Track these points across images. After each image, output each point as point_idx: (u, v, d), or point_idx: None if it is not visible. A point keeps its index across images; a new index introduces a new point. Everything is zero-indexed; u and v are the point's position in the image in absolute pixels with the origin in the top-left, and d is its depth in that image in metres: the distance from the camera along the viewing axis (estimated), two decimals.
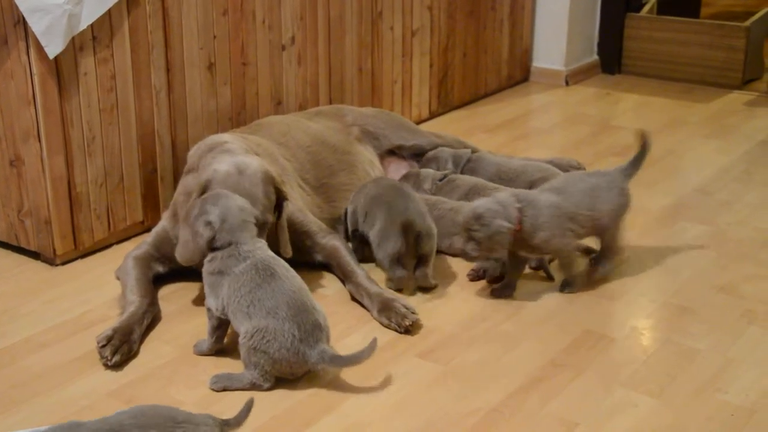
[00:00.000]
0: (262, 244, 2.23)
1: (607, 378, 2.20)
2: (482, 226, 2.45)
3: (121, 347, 2.25)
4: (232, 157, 2.44)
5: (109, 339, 2.25)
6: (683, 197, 3.32)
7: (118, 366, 2.23)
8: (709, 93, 4.60)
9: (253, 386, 2.13)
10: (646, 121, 4.18)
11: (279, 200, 2.47)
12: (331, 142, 3.05)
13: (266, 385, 2.13)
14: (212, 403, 2.09)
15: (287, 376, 2.14)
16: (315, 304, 2.17)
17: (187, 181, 2.53)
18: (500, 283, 2.62)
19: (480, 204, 2.51)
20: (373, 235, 2.63)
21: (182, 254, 2.41)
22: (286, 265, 2.22)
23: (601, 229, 2.61)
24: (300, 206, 2.72)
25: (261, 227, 2.33)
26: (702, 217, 3.13)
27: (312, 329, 2.11)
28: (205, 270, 2.21)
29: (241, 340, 2.13)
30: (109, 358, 2.22)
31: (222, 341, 2.29)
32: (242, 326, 2.13)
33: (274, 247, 2.37)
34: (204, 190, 2.37)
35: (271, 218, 2.42)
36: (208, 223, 2.18)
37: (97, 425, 1.69)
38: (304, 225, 2.68)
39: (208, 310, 2.23)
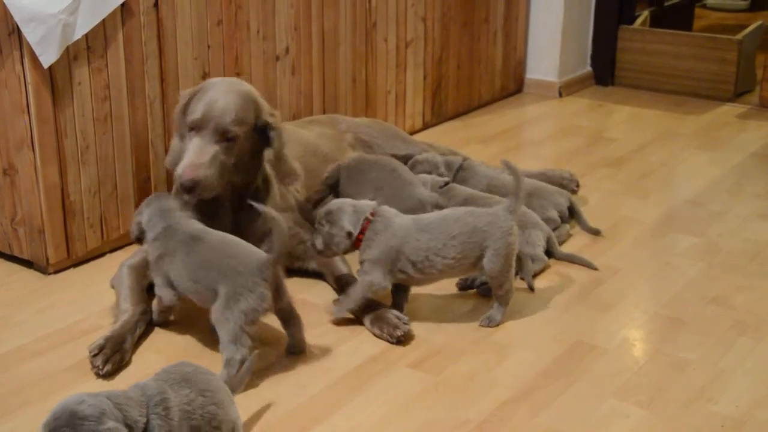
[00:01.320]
0: (186, 218, 2.38)
1: (597, 389, 2.21)
2: (327, 222, 2.44)
3: (113, 356, 2.25)
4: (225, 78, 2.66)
5: (101, 348, 2.25)
6: (675, 209, 3.34)
7: (109, 375, 2.23)
8: (701, 105, 4.63)
9: (229, 363, 2.15)
10: (639, 132, 4.21)
11: (264, 128, 2.56)
12: (323, 151, 3.06)
13: (243, 353, 2.14)
14: None
15: (259, 314, 2.19)
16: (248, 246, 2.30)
17: (181, 93, 2.64)
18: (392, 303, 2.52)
19: (337, 201, 2.49)
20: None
21: (168, 161, 2.61)
22: (210, 230, 2.36)
23: (485, 272, 2.45)
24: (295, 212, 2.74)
25: (230, 140, 2.47)
26: (693, 229, 3.14)
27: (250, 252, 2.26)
28: (149, 258, 2.37)
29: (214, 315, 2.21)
30: (100, 367, 2.21)
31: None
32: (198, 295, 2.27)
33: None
34: (191, 96, 2.53)
35: (240, 133, 2.49)
36: (138, 223, 2.40)
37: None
38: (297, 230, 2.69)
39: (160, 299, 2.38)
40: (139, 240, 2.42)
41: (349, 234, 2.41)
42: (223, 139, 2.46)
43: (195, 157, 2.43)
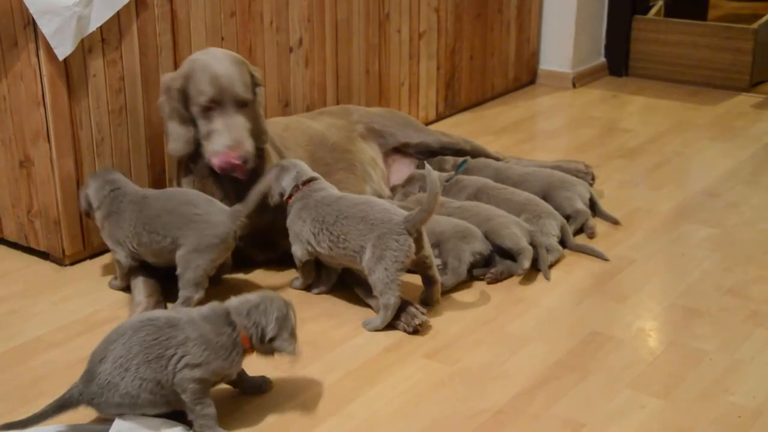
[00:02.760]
0: (132, 184, 2.57)
1: (613, 379, 2.20)
2: (276, 176, 2.54)
3: None
4: (202, 51, 2.68)
5: None
6: (690, 199, 3.32)
7: None
8: (716, 95, 4.60)
9: (188, 301, 2.36)
10: (653, 123, 4.19)
11: (254, 86, 2.63)
12: (330, 141, 3.06)
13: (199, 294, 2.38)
14: (219, 402, 2.09)
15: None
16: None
17: (164, 80, 2.65)
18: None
19: (292, 161, 2.61)
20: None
21: (175, 148, 2.61)
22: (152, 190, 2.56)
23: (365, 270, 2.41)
24: None
25: (246, 105, 2.56)
26: (708, 220, 3.13)
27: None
28: (98, 225, 2.53)
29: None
30: None
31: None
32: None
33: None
34: (186, 80, 2.56)
35: (250, 96, 2.60)
36: (85, 196, 2.55)
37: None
38: None
39: (119, 263, 2.51)
40: (87, 214, 2.56)
41: (281, 194, 2.53)
42: (241, 108, 2.55)
43: (233, 133, 2.52)
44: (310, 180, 2.55)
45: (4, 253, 2.89)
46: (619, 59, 4.93)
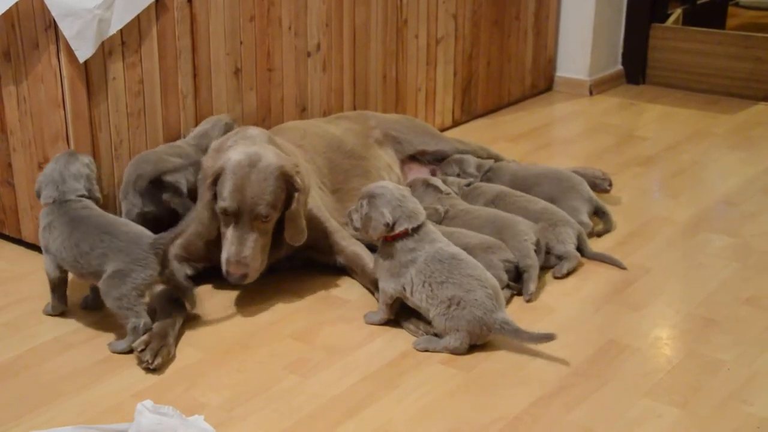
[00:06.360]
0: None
1: (630, 388, 2.19)
2: (369, 198, 2.39)
3: (161, 350, 2.25)
4: (247, 148, 2.50)
5: (147, 343, 2.26)
6: (708, 208, 3.31)
7: (159, 368, 2.24)
8: (734, 104, 4.58)
9: (134, 331, 2.31)
10: (671, 131, 4.17)
11: (290, 192, 2.50)
12: (346, 147, 3.06)
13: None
14: (236, 406, 2.10)
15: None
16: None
17: (206, 162, 2.58)
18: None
19: (380, 187, 2.41)
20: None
21: (199, 231, 2.54)
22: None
23: None
24: (319, 204, 2.75)
25: (264, 220, 2.45)
26: (726, 229, 3.11)
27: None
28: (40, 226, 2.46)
29: None
30: (150, 361, 2.22)
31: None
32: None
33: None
34: (216, 177, 2.46)
35: (274, 214, 2.48)
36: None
37: None
38: (323, 222, 2.70)
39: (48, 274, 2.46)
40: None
41: (387, 225, 2.35)
42: (260, 222, 2.45)
43: (238, 250, 2.43)
44: (421, 226, 2.37)
45: (23, 254, 2.91)
46: (636, 67, 4.92)
